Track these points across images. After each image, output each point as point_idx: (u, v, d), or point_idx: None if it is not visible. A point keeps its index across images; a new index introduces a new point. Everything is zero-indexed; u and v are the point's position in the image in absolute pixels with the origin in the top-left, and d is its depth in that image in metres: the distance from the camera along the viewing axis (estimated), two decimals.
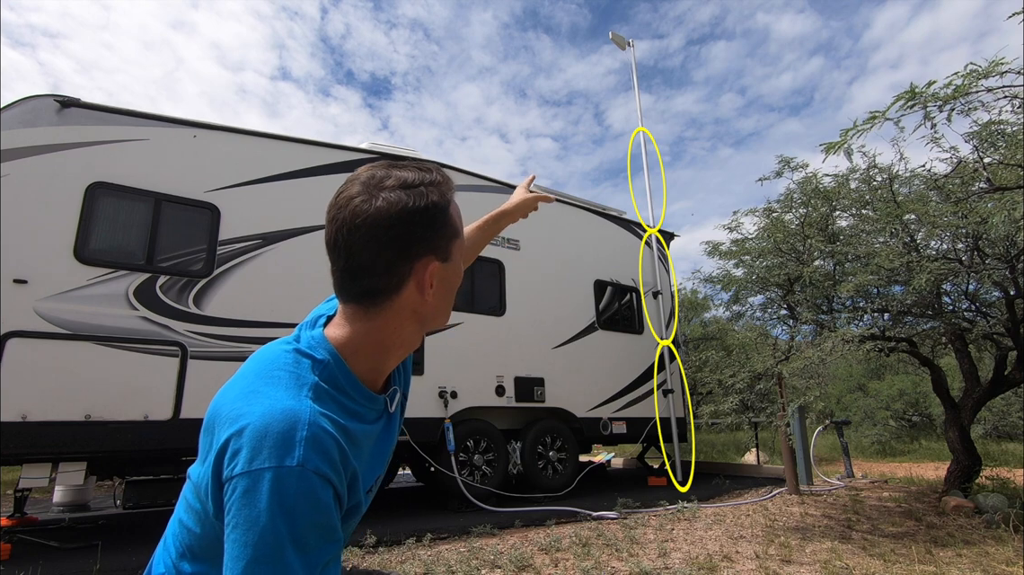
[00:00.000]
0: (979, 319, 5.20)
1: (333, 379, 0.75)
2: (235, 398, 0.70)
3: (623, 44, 8.71)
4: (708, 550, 3.70)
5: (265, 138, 4.99)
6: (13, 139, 3.88)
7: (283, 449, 0.62)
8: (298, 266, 4.84)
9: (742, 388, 5.23)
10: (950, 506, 4.87)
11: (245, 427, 0.65)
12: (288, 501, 0.60)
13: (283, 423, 0.65)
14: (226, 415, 0.69)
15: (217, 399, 0.74)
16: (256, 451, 0.62)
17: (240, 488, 0.61)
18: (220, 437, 0.67)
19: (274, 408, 0.66)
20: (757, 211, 6.00)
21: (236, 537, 0.60)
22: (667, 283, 7.96)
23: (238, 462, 0.63)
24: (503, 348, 5.90)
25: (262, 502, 0.60)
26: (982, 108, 3.79)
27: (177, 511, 0.80)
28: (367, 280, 0.75)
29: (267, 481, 0.61)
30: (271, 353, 0.77)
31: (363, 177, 0.76)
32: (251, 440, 0.63)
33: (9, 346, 3.59)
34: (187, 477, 0.79)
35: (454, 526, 4.41)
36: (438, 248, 0.78)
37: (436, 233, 0.77)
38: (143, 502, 4.44)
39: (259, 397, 0.68)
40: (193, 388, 4.14)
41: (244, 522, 0.60)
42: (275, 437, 0.63)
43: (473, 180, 6.29)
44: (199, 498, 0.73)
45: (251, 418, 0.65)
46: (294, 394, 0.70)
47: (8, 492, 5.47)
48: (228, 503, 0.63)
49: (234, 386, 0.74)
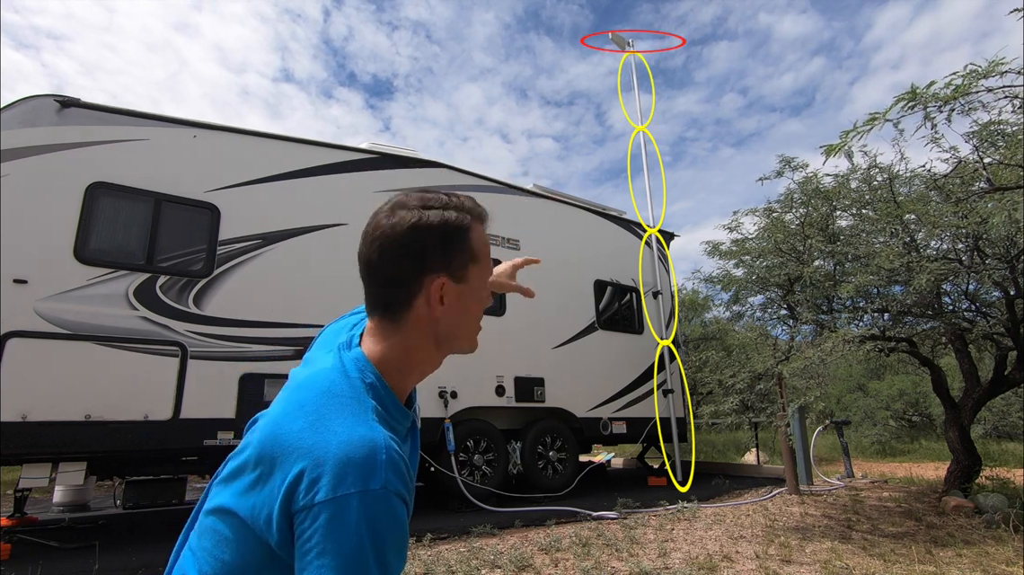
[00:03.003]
0: (979, 319, 5.20)
1: (381, 401, 0.78)
2: (302, 429, 0.71)
3: (623, 45, 8.71)
4: (708, 550, 3.70)
5: (265, 138, 4.99)
6: (13, 139, 3.88)
7: (367, 474, 0.65)
8: (298, 266, 4.84)
9: (742, 388, 5.23)
10: (950, 506, 4.87)
11: (324, 456, 0.66)
12: (375, 523, 0.63)
13: (364, 449, 0.67)
14: (295, 447, 0.69)
15: (274, 430, 0.73)
16: (340, 478, 0.64)
17: (325, 515, 0.63)
18: (291, 468, 0.67)
19: (352, 436, 0.68)
20: (757, 211, 6.00)
21: (323, 562, 0.62)
22: (667, 283, 7.97)
23: (319, 490, 0.64)
24: (503, 348, 5.90)
25: (350, 526, 0.62)
26: (982, 108, 3.80)
27: (197, 544, 0.77)
28: (385, 292, 0.80)
29: (355, 506, 0.63)
30: (327, 381, 0.77)
31: (394, 199, 0.82)
32: (333, 468, 0.65)
33: (9, 346, 3.59)
34: (216, 511, 0.76)
35: (454, 526, 4.42)
36: (450, 267, 0.80)
37: (449, 251, 0.80)
38: (143, 502, 4.45)
39: (331, 427, 0.70)
40: (193, 388, 4.14)
41: (332, 547, 0.62)
42: (358, 464, 0.66)
43: (474, 180, 6.29)
44: (250, 528, 0.71)
45: (329, 447, 0.67)
46: (362, 420, 0.72)
47: (8, 492, 5.47)
48: (308, 531, 0.64)
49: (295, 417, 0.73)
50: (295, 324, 4.70)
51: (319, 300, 4.84)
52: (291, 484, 0.66)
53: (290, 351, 4.60)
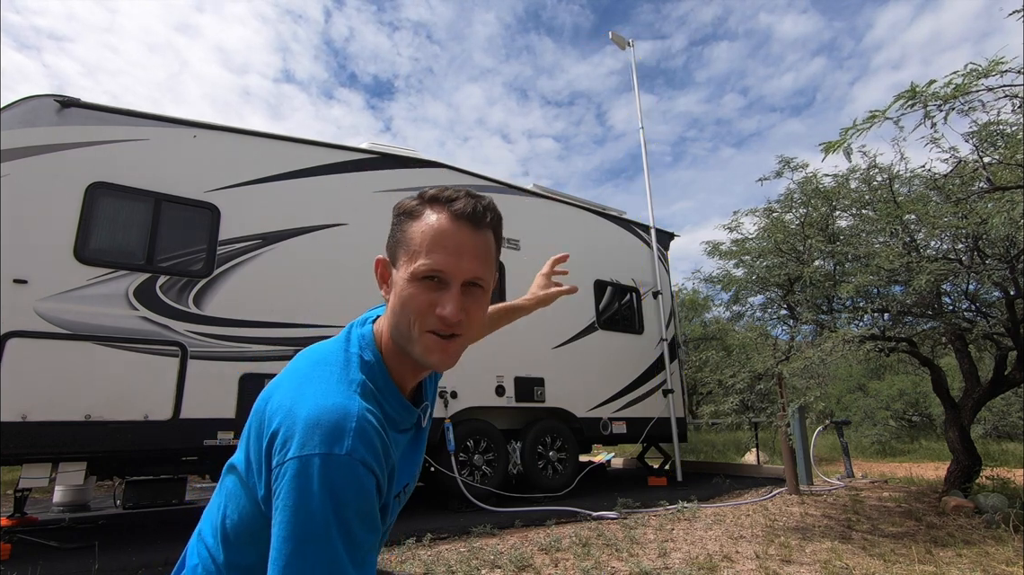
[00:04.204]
0: (979, 319, 5.20)
1: (375, 380, 0.80)
2: (288, 389, 0.75)
3: (623, 44, 8.71)
4: (708, 550, 3.70)
5: (265, 138, 4.98)
6: (13, 139, 3.88)
7: (333, 438, 0.67)
8: (298, 266, 4.84)
9: (742, 388, 5.23)
10: (950, 506, 4.87)
11: (298, 416, 0.69)
12: (336, 486, 0.64)
13: (334, 414, 0.69)
14: (279, 404, 0.73)
15: (270, 388, 0.79)
16: (307, 438, 0.67)
17: (291, 471, 0.65)
18: (273, 424, 0.72)
19: (326, 400, 0.71)
20: (757, 211, 6.00)
21: (284, 517, 0.64)
22: (667, 283, 7.97)
23: (290, 447, 0.67)
24: (503, 348, 5.89)
25: (312, 485, 0.64)
26: (982, 108, 3.79)
27: (215, 501, 0.84)
28: None
29: (316, 466, 0.65)
30: (324, 349, 0.82)
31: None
32: (303, 428, 0.68)
33: (9, 346, 3.59)
34: (228, 468, 0.83)
35: (454, 526, 4.41)
36: (389, 247, 0.84)
37: (393, 232, 0.84)
38: (143, 502, 4.45)
39: (311, 389, 0.73)
40: (193, 388, 4.14)
41: (293, 503, 0.64)
42: (326, 426, 0.67)
43: (474, 180, 6.29)
44: (245, 482, 0.78)
45: (304, 408, 0.70)
46: (343, 389, 0.75)
47: (8, 492, 5.47)
48: (278, 486, 0.67)
49: (287, 377, 0.79)
50: (295, 324, 4.70)
51: (319, 300, 4.84)
52: (269, 441, 0.71)
53: (290, 351, 4.60)
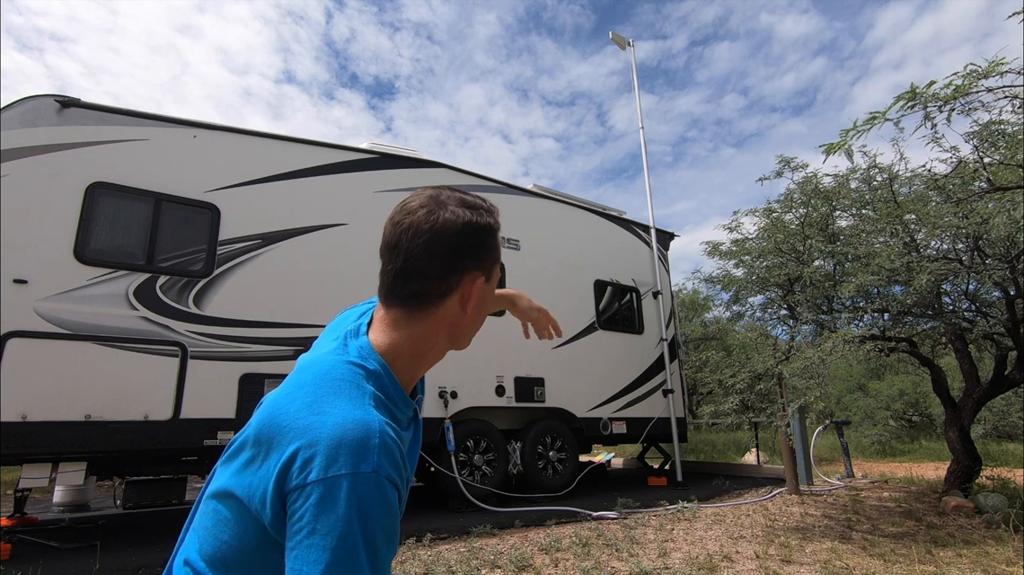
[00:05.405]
0: (979, 319, 5.20)
1: (384, 388, 0.80)
2: (299, 411, 0.72)
3: (623, 44, 8.71)
4: (708, 550, 3.70)
5: (265, 138, 4.98)
6: (13, 139, 3.88)
7: (359, 456, 0.66)
8: (298, 266, 4.84)
9: (742, 388, 5.23)
10: (950, 506, 4.87)
11: (317, 438, 0.67)
12: (364, 505, 0.64)
13: (357, 432, 0.68)
14: (291, 427, 0.70)
15: (272, 411, 0.74)
16: (332, 459, 0.65)
17: (316, 494, 0.64)
18: (286, 449, 0.68)
19: (346, 419, 0.69)
20: (757, 211, 6.01)
21: (313, 542, 0.62)
22: (667, 283, 7.97)
23: (311, 470, 0.65)
24: (503, 348, 5.90)
25: (340, 507, 0.63)
26: (982, 108, 3.79)
27: (202, 526, 0.79)
28: (419, 283, 0.81)
29: (345, 487, 0.64)
30: (327, 365, 0.79)
31: (429, 192, 0.85)
32: (326, 449, 0.66)
33: (9, 346, 3.59)
34: (216, 494, 0.77)
35: (454, 526, 4.41)
36: (485, 266, 0.85)
37: (486, 252, 0.85)
38: (143, 502, 4.44)
39: (327, 409, 0.71)
40: (193, 388, 4.14)
41: (322, 527, 0.62)
42: (350, 445, 0.66)
43: (474, 180, 6.29)
44: (246, 508, 0.73)
45: (324, 429, 0.68)
46: (359, 404, 0.73)
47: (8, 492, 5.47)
48: (299, 510, 0.65)
49: (293, 398, 0.74)
50: (295, 324, 4.70)
51: (319, 300, 4.84)
52: (285, 464, 0.67)
53: (290, 351, 4.60)
